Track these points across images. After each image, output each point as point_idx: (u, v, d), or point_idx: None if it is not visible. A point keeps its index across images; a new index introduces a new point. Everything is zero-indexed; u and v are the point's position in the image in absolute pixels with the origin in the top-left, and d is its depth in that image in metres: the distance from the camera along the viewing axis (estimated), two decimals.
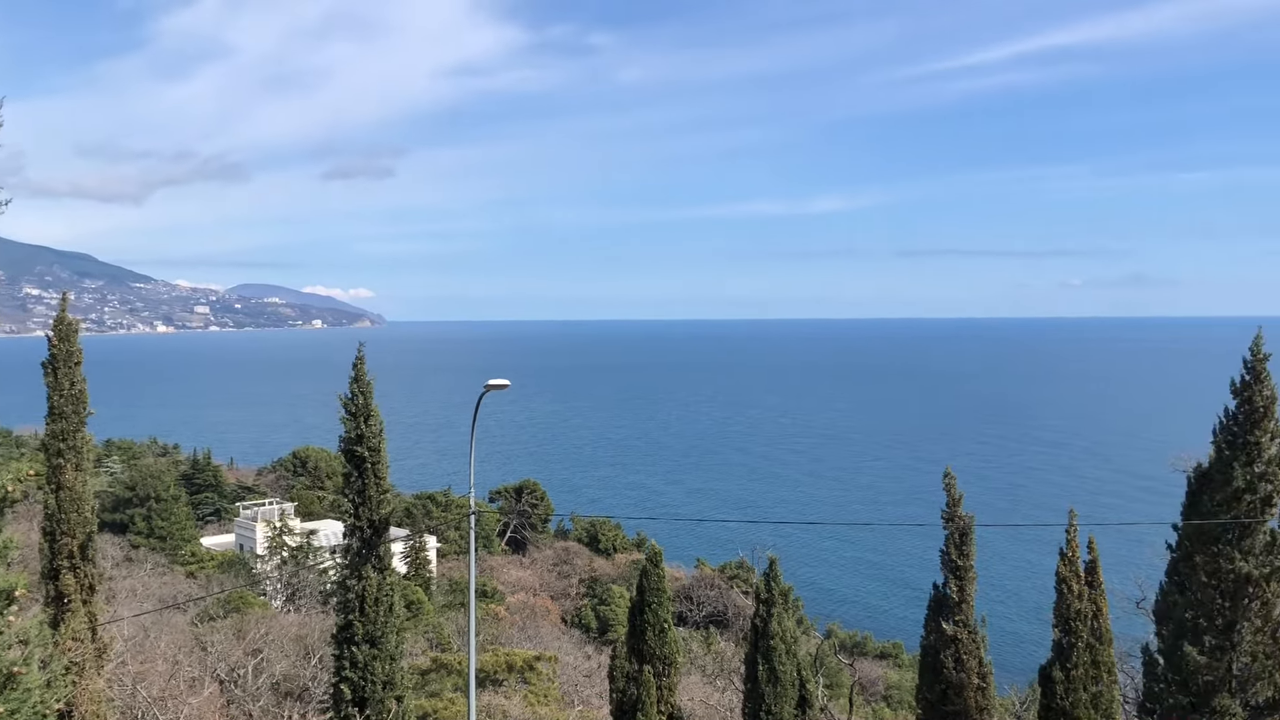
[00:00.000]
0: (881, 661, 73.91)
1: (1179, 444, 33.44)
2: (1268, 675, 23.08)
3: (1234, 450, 23.92)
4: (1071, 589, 26.15)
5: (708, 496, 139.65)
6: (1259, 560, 23.24)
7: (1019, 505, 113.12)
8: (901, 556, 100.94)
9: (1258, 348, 23.92)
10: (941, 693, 26.65)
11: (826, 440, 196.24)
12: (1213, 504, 24.02)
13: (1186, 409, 60.24)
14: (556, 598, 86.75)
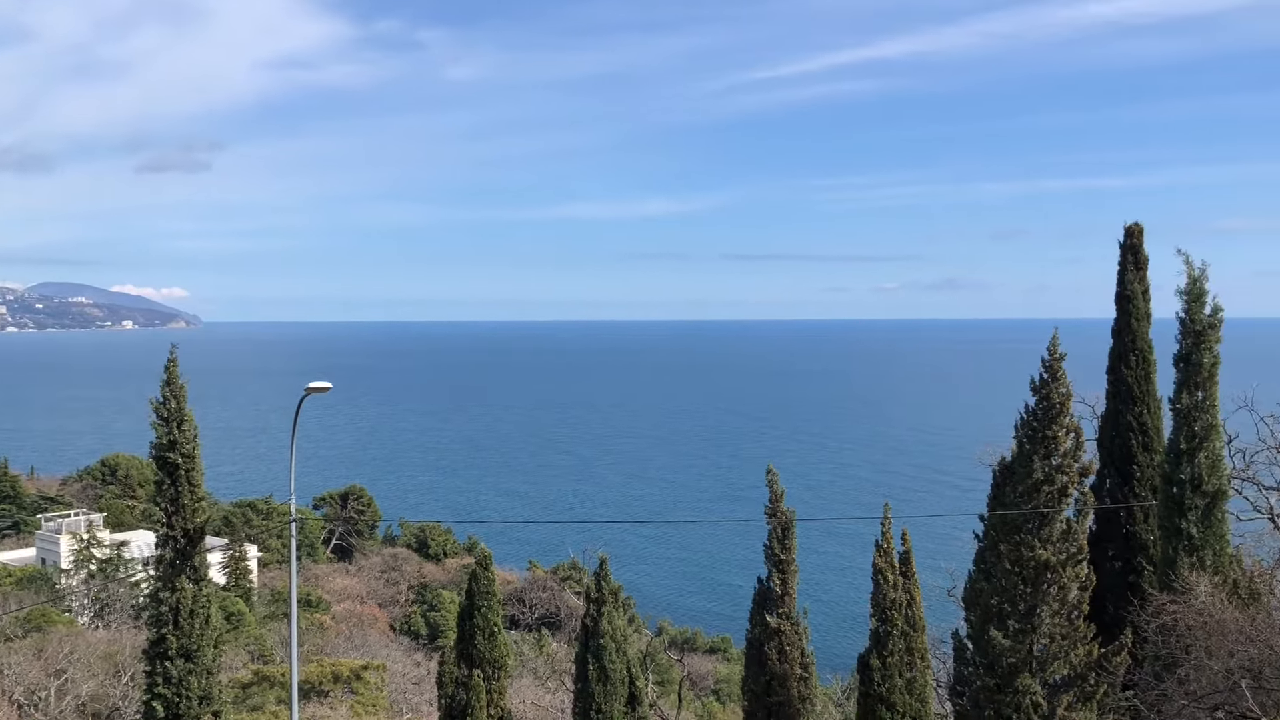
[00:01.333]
0: (711, 656, 75.31)
1: (986, 439, 35.25)
2: (1064, 655, 24.59)
3: (1033, 444, 25.41)
4: (887, 580, 27.26)
5: (539, 499, 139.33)
6: (1056, 547, 24.74)
7: (838, 500, 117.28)
8: (729, 552, 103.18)
9: (1054, 348, 25.51)
10: (766, 684, 27.36)
11: (655, 440, 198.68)
12: (1015, 495, 25.45)
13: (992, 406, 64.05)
14: (385, 605, 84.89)
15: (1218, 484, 22.47)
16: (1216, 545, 22.23)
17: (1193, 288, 22.62)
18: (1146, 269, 29.21)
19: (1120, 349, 29.17)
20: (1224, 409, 26.59)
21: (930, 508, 76.37)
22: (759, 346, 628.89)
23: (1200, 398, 22.73)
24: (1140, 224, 29.45)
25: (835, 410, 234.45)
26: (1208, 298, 22.72)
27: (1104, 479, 28.70)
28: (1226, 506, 23.54)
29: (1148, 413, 28.38)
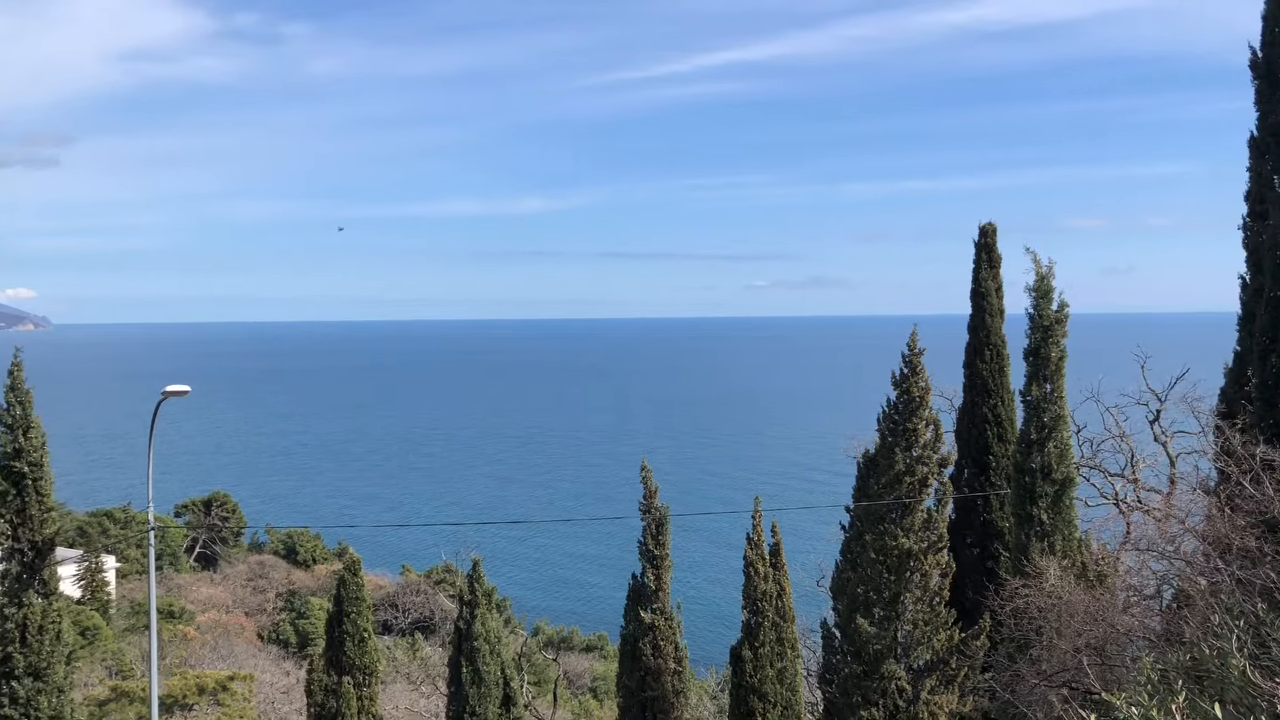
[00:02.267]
0: (588, 654, 75.33)
1: (851, 432, 36.12)
2: (927, 640, 25.44)
3: (895, 437, 26.23)
4: (758, 571, 27.75)
5: (412, 500, 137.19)
6: (918, 536, 25.58)
7: (710, 495, 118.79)
8: (605, 550, 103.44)
9: (914, 343, 26.36)
10: (640, 679, 27.55)
11: (530, 438, 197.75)
12: (879, 486, 26.22)
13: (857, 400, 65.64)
14: (252, 614, 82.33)
15: (1066, 472, 23.55)
16: (1065, 530, 23.31)
17: (1040, 285, 23.66)
18: (999, 267, 30.38)
19: (976, 344, 30.29)
20: (1072, 400, 27.89)
21: (800, 501, 78.12)
22: (634, 345, 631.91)
23: (1049, 390, 23.79)
24: (993, 224, 30.62)
25: (708, 407, 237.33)
26: (1055, 294, 23.79)
27: (962, 469, 29.76)
28: (1075, 493, 24.69)
29: (1002, 405, 29.54)
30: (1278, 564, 12.80)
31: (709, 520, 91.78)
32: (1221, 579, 13.75)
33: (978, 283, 30.31)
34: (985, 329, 30.05)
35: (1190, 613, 13.65)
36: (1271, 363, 19.29)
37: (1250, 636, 8.83)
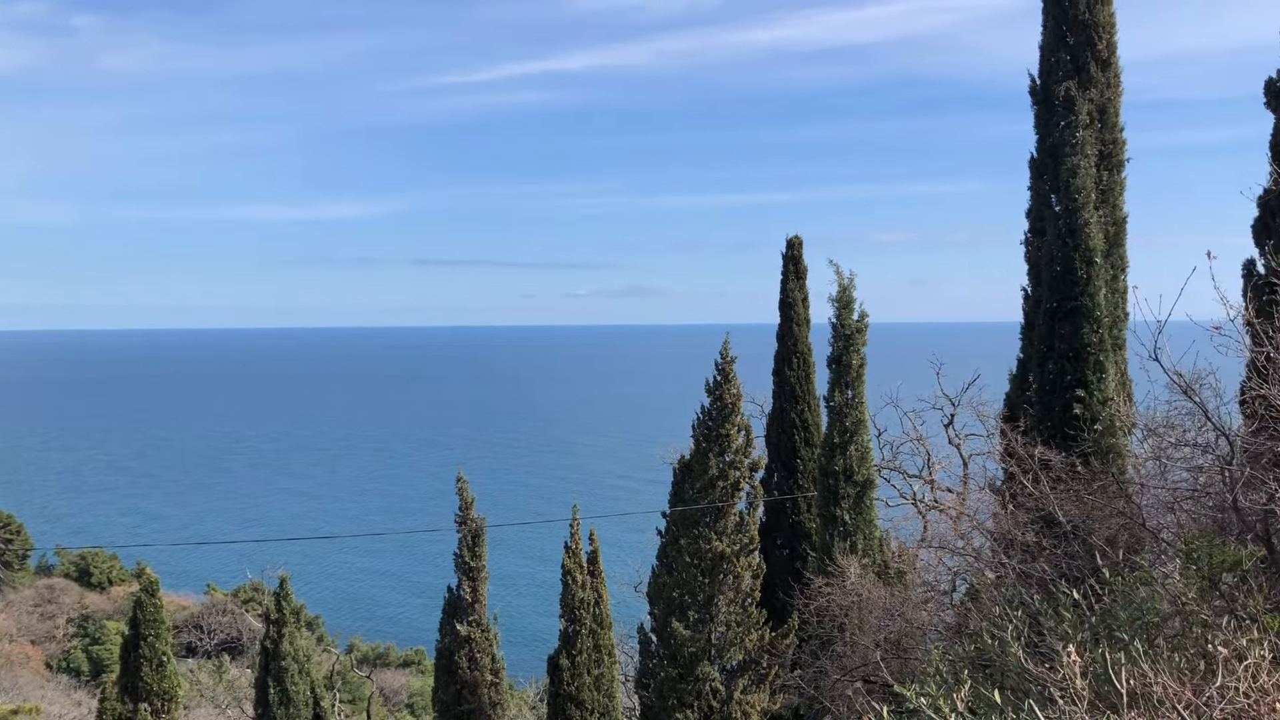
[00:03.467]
0: (405, 670, 73.79)
1: (668, 439, 36.66)
2: (739, 641, 26.12)
3: (709, 442, 26.86)
4: (576, 579, 27.84)
5: (217, 516, 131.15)
6: (731, 539, 26.24)
7: (529, 505, 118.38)
8: (423, 563, 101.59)
9: (726, 352, 27.08)
10: (456, 693, 27.20)
11: (340, 451, 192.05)
12: (693, 491, 26.77)
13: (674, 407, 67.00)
14: (40, 642, 76.89)
15: (867, 474, 24.62)
16: (866, 530, 24.36)
17: (842, 295, 24.69)
18: (806, 278, 31.53)
19: (784, 352, 31.33)
20: (873, 405, 29.15)
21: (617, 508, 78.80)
22: (450, 353, 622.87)
23: (850, 396, 24.82)
24: (800, 236, 31.76)
25: (525, 417, 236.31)
26: (856, 305, 24.87)
27: (772, 473, 30.70)
28: (875, 494, 25.83)
29: (809, 410, 30.63)
30: (1054, 557, 13.77)
31: (526, 531, 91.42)
32: (1005, 572, 14.66)
33: (786, 293, 31.36)
34: (793, 338, 31.11)
35: (978, 605, 14.50)
36: (1049, 369, 20.71)
37: (1028, 625, 9.43)
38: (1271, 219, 17.98)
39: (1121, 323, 23.34)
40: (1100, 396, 19.58)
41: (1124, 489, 15.32)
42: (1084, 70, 24.14)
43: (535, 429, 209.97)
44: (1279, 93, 18.74)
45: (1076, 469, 15.98)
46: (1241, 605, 9.66)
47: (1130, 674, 7.01)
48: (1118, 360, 22.11)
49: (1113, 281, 23.56)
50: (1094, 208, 21.34)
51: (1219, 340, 9.80)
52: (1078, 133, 21.82)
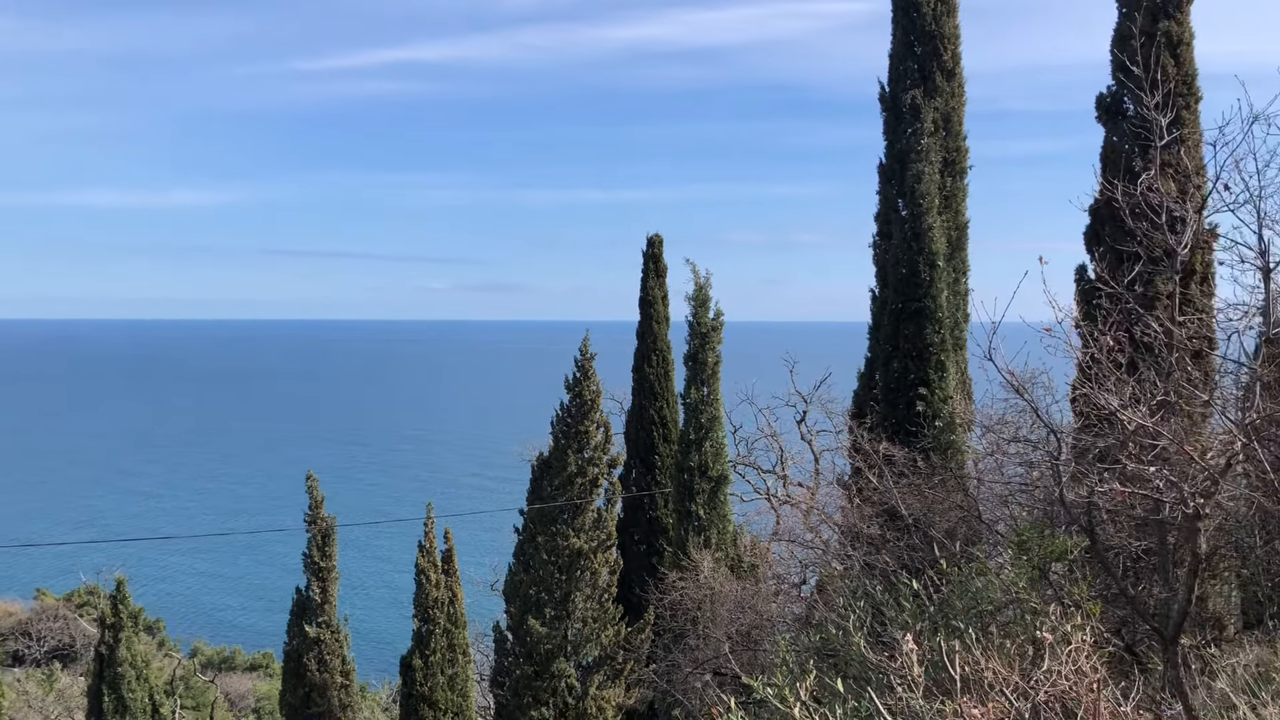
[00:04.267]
0: (252, 673, 71.48)
1: (527, 436, 36.53)
2: (595, 637, 26.25)
3: (568, 439, 26.89)
4: (430, 579, 27.50)
5: (44, 517, 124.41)
6: (589, 535, 26.35)
7: (384, 503, 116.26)
8: (271, 564, 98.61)
9: (585, 349, 27.16)
10: (305, 695, 26.54)
11: (181, 449, 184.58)
12: (552, 488, 26.76)
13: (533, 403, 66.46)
14: None
15: (721, 470, 25.07)
16: (720, 525, 24.81)
17: (699, 294, 25.06)
18: (666, 276, 31.85)
19: (644, 349, 31.60)
20: (729, 402, 29.66)
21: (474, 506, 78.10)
22: (305, 347, 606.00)
23: (705, 393, 25.22)
24: (660, 235, 32.05)
25: (378, 414, 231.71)
26: (712, 303, 25.29)
27: (630, 469, 30.92)
28: (730, 489, 26.32)
29: (667, 407, 30.98)
30: (897, 549, 14.29)
31: (379, 531, 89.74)
32: (851, 564, 15.14)
33: (646, 291, 31.62)
34: (652, 335, 31.40)
35: (825, 597, 14.93)
36: (893, 367, 21.47)
37: (871, 616, 9.76)
38: (1101, 227, 18.99)
39: (963, 324, 24.36)
40: (941, 394, 20.40)
41: (962, 483, 16.01)
42: (930, 79, 25.09)
43: (388, 427, 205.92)
44: (1109, 108, 19.85)
45: (918, 464, 16.62)
46: (1068, 593, 10.19)
47: (964, 660, 7.31)
48: (959, 360, 23.07)
49: (955, 284, 24.58)
50: (938, 213, 22.21)
51: (1049, 341, 10.31)
52: (923, 140, 22.66)
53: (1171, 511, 8.06)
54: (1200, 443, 8.08)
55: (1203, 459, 7.73)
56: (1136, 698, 7.69)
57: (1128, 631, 11.93)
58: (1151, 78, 13.43)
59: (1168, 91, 16.26)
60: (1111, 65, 19.43)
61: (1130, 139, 18.38)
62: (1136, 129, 16.95)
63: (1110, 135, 19.65)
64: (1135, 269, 11.61)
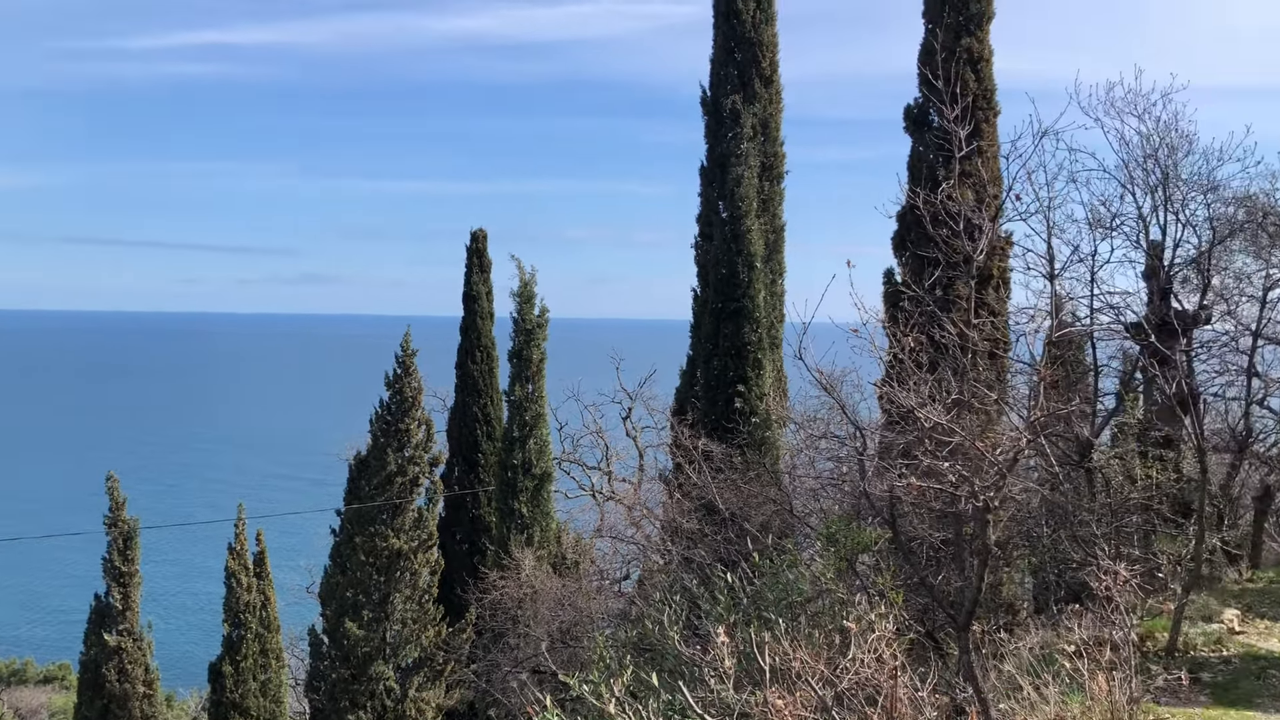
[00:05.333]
0: (46, 686, 67.21)
1: (345, 434, 35.58)
2: (415, 638, 25.84)
3: (388, 437, 26.36)
4: (241, 583, 26.50)
5: None
6: (409, 535, 25.90)
7: (192, 505, 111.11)
8: (67, 570, 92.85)
9: (407, 344, 26.69)
10: (104, 708, 25.15)
11: None
12: (370, 488, 26.18)
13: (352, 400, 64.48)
14: None
15: (545, 467, 25.07)
16: (543, 522, 24.81)
17: (524, 290, 24.99)
18: (490, 271, 31.61)
19: (467, 345, 31.28)
20: (556, 399, 29.69)
21: (290, 506, 75.60)
22: (111, 339, 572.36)
23: (530, 390, 25.18)
24: (485, 230, 31.80)
25: (189, 409, 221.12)
26: (537, 299, 25.25)
27: (453, 467, 30.56)
28: (554, 487, 26.36)
29: (491, 404, 30.75)
30: (714, 543, 14.63)
31: (187, 534, 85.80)
32: (671, 559, 15.40)
33: (470, 286, 31.30)
34: (476, 331, 31.12)
35: (644, 592, 15.15)
36: (714, 365, 21.96)
37: (688, 609, 9.95)
38: (907, 233, 19.91)
39: (779, 324, 25.11)
40: (758, 392, 20.98)
41: (776, 478, 16.51)
42: (750, 85, 25.75)
43: (196, 425, 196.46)
44: (916, 119, 20.84)
45: (735, 460, 17.06)
46: (873, 583, 10.64)
47: (774, 651, 7.54)
48: (775, 358, 23.77)
49: (772, 285, 25.31)
50: (756, 216, 22.83)
51: (856, 342, 10.73)
52: (743, 144, 23.25)
53: (965, 504, 8.53)
54: (991, 439, 8.59)
55: (993, 454, 8.22)
56: (933, 682, 8.10)
57: (929, 619, 12.55)
58: (953, 91, 14.17)
59: (968, 105, 17.19)
60: (919, 78, 20.40)
61: (934, 149, 19.35)
62: (940, 140, 17.83)
63: (916, 145, 20.64)
64: (935, 273, 12.25)
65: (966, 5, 20.23)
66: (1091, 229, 16.66)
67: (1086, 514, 13.68)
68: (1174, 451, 14.84)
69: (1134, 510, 14.32)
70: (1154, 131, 16.25)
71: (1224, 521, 16.10)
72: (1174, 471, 14.41)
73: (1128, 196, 16.60)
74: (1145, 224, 16.47)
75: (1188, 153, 16.50)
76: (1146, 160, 16.25)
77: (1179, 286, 17.16)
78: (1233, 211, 17.31)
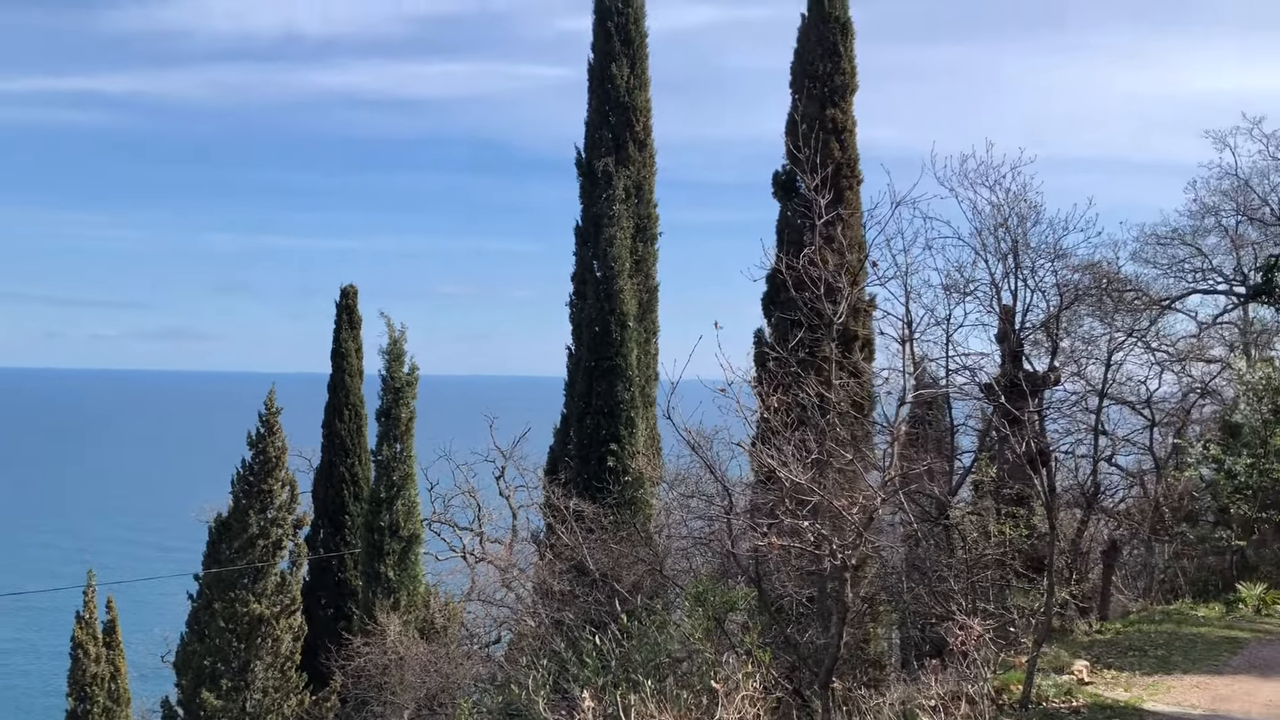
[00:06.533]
0: None
1: (205, 496, 34.24)
2: (277, 708, 24.84)
3: (250, 499, 25.51)
4: (89, 653, 25.18)
5: None
6: (271, 600, 25.00)
7: (33, 573, 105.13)
8: None
9: (271, 403, 25.98)
10: None
11: None
12: (231, 551, 25.23)
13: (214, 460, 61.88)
14: None
15: (413, 529, 24.61)
16: (411, 585, 24.29)
17: (393, 348, 24.68)
18: (360, 328, 31.10)
19: (335, 403, 30.61)
20: (427, 458, 29.18)
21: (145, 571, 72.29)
22: None
23: (398, 449, 24.76)
24: (355, 286, 31.33)
25: (36, 472, 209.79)
26: (406, 357, 24.96)
27: (318, 529, 29.70)
28: (422, 549, 25.86)
29: (359, 464, 30.08)
30: (585, 604, 14.53)
31: (30, 600, 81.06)
32: (542, 621, 15.23)
33: (339, 343, 30.73)
34: (345, 389, 30.51)
35: (513, 655, 14.92)
36: (587, 424, 22.00)
37: (555, 672, 9.84)
38: (776, 294, 20.37)
39: (653, 382, 25.32)
40: (631, 450, 21.09)
41: (648, 538, 16.55)
42: (623, 148, 26.18)
43: (46, 486, 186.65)
44: (784, 184, 21.47)
45: (606, 520, 17.03)
46: (741, 642, 10.71)
47: (640, 714, 7.52)
48: (648, 417, 23.93)
49: (646, 344, 25.57)
50: (629, 275, 23.10)
51: (725, 401, 10.90)
52: (616, 206, 23.58)
53: (826, 562, 8.70)
54: (849, 498, 8.80)
55: (850, 513, 8.42)
56: None
57: (796, 676, 12.68)
58: (816, 160, 14.70)
59: (833, 172, 17.82)
60: (786, 146, 21.05)
61: (801, 215, 19.92)
62: (805, 206, 18.40)
63: (784, 210, 21.25)
64: (798, 335, 12.60)
65: (830, 78, 21.03)
66: (947, 294, 17.39)
67: (945, 569, 14.08)
68: (1026, 508, 15.43)
69: (989, 565, 14.80)
70: (1004, 202, 17.14)
71: (1074, 575, 16.77)
72: (1026, 527, 14.96)
73: (980, 263, 17.41)
74: (998, 289, 17.26)
75: (1036, 222, 17.45)
76: (998, 229, 17.08)
77: (1030, 349, 17.99)
78: (1079, 278, 18.32)
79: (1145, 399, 20.21)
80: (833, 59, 21.18)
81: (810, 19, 21.57)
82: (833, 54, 21.18)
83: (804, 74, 21.27)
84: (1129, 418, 21.23)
